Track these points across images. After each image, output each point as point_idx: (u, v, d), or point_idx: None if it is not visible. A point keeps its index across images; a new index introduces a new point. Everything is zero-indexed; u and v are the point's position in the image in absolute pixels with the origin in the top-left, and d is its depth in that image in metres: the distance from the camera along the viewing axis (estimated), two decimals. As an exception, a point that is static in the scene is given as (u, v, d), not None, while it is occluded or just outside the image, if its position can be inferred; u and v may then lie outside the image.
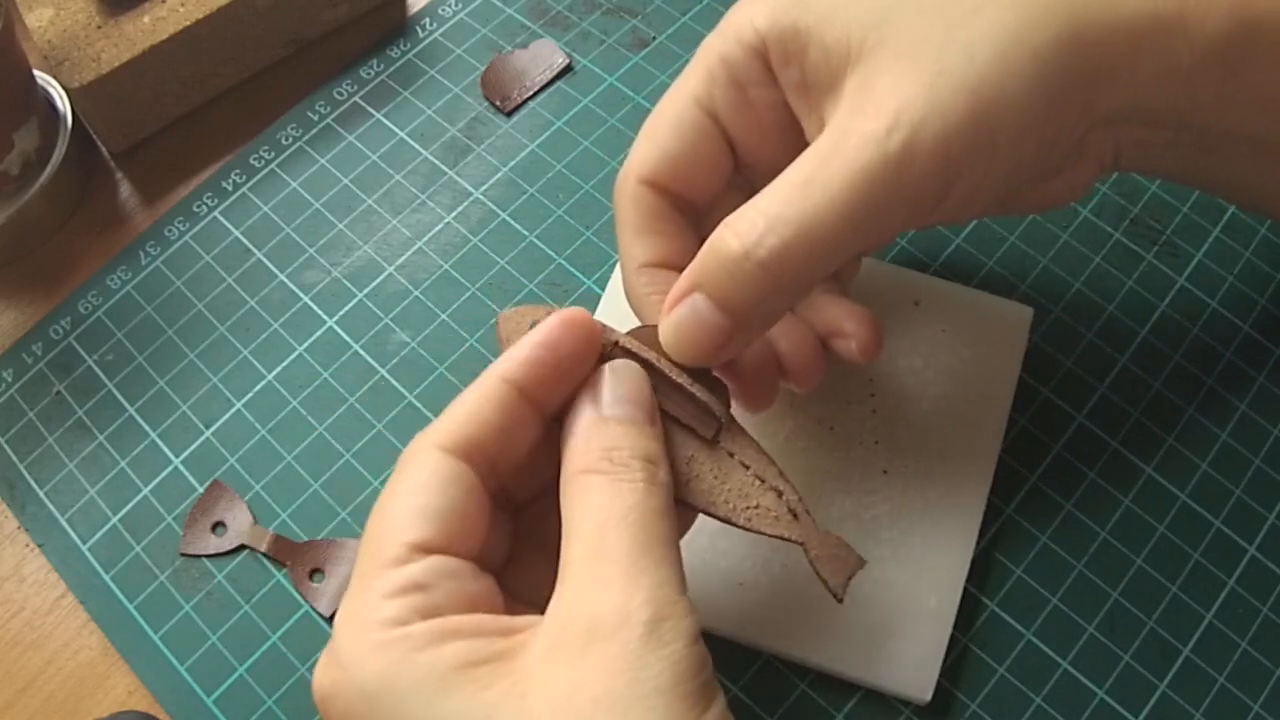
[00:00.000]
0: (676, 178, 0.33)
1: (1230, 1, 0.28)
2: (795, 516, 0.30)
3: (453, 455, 0.28)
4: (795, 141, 0.32)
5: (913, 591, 0.35)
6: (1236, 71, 0.29)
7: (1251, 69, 0.29)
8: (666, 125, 0.33)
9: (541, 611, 0.26)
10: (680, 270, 0.31)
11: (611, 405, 0.29)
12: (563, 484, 0.28)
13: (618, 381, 0.29)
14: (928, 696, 0.34)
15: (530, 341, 0.29)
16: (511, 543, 0.31)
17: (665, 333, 0.30)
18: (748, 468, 0.30)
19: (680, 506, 0.30)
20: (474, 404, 0.29)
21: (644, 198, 0.33)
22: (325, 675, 0.26)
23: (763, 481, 0.30)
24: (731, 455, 0.30)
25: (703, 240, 0.30)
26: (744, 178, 0.34)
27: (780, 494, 0.30)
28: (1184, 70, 0.29)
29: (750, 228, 0.28)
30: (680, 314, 0.30)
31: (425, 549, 0.27)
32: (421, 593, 0.26)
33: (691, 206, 0.34)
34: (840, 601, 0.30)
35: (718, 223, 0.30)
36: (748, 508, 0.30)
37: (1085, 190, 0.33)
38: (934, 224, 0.38)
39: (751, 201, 0.29)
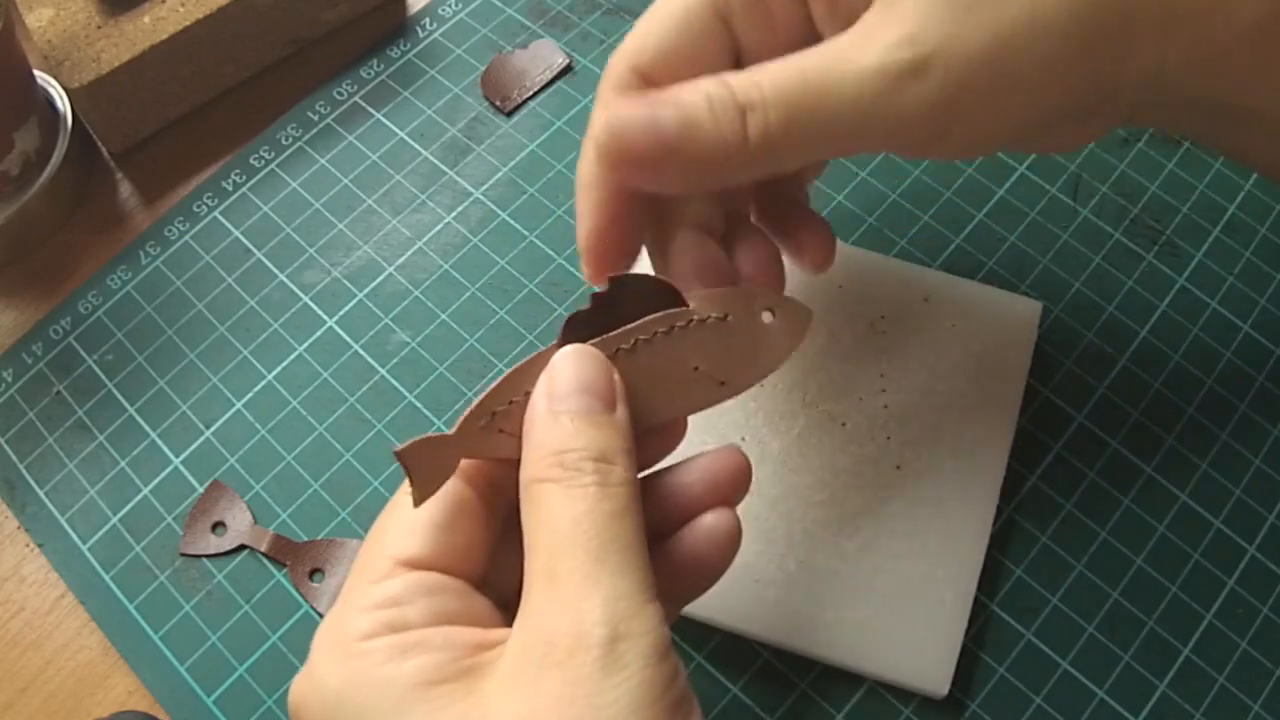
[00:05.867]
0: (672, 75, 0.30)
1: None
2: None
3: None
4: None
5: (928, 586, 0.35)
6: (1268, 53, 0.28)
7: None
8: (674, 19, 0.31)
9: None
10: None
11: (564, 399, 0.27)
12: (520, 495, 0.27)
13: (570, 370, 0.27)
14: (945, 690, 0.34)
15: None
16: None
17: (611, 120, 0.28)
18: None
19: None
20: None
21: (631, 84, 0.31)
22: (297, 686, 0.26)
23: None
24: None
25: None
26: None
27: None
28: (1219, 48, 0.28)
29: (752, 89, 0.27)
30: (639, 112, 0.28)
31: (411, 564, 0.27)
32: (395, 608, 0.26)
33: None
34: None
35: None
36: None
37: (1097, 138, 0.32)
38: (942, 158, 0.38)
39: (757, 68, 0.28)
